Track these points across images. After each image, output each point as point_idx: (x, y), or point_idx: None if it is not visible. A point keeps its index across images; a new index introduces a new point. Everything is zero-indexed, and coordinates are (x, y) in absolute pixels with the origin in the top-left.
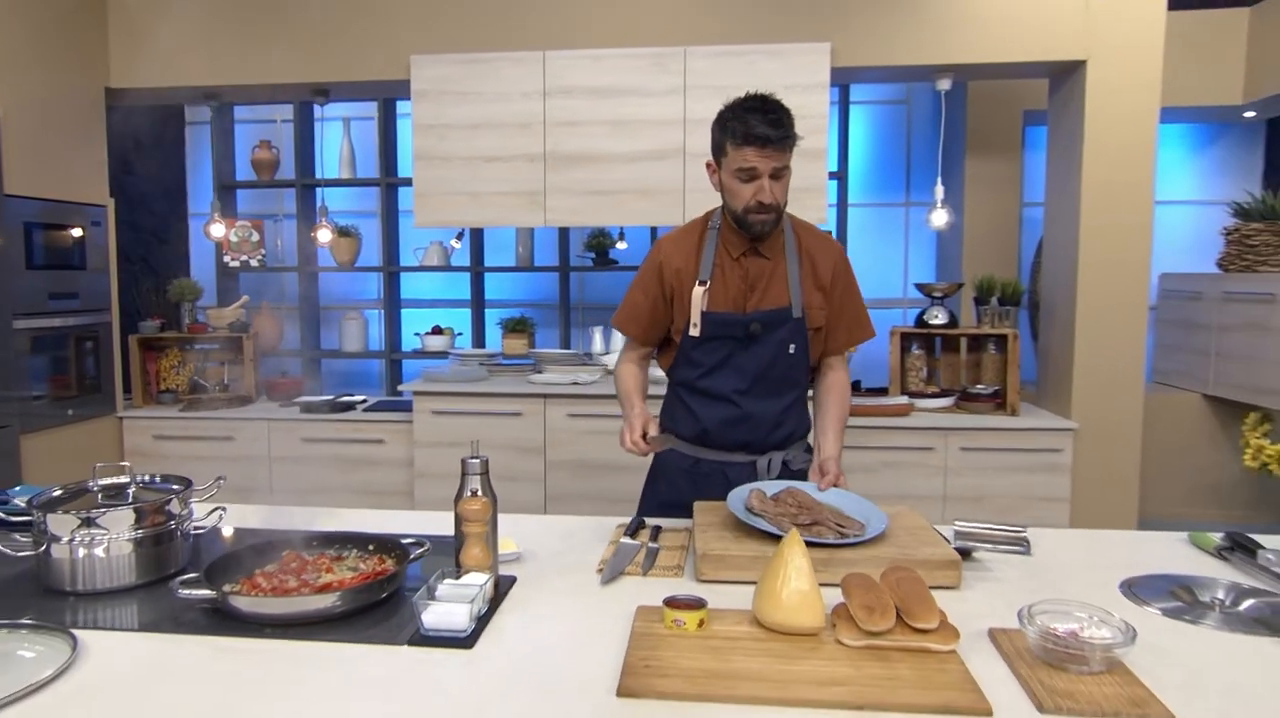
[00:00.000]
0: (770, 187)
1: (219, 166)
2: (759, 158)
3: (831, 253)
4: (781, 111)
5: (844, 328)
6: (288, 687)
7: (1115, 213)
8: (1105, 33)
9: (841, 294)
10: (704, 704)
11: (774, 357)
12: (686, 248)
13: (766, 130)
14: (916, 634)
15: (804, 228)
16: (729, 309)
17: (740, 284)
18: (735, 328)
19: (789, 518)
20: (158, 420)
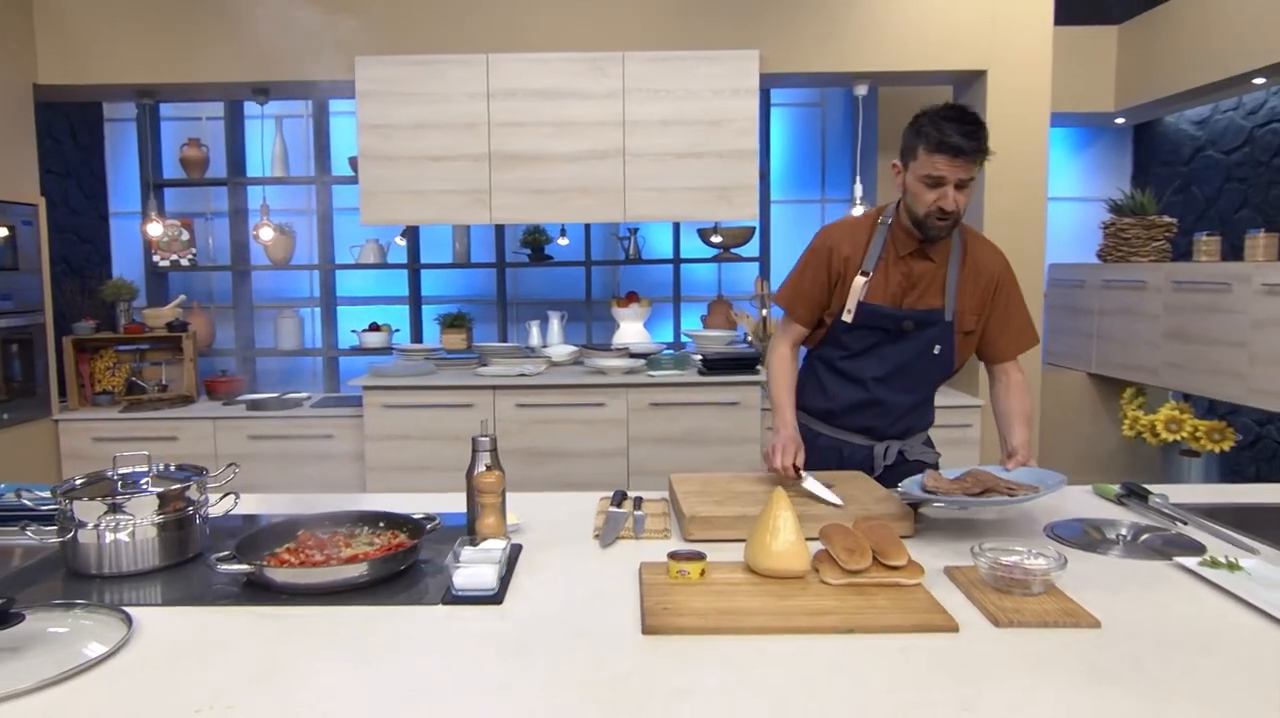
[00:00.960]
0: (954, 195)
1: (146, 165)
2: (948, 167)
3: (996, 263)
4: (977, 125)
5: (1009, 336)
6: (341, 644)
7: (1014, 209)
8: (1003, 46)
9: (1005, 303)
10: (719, 636)
11: (918, 354)
12: (856, 238)
13: (960, 141)
14: (888, 571)
15: (973, 236)
16: (885, 303)
17: (901, 281)
18: (888, 321)
19: (962, 490)
20: (96, 422)
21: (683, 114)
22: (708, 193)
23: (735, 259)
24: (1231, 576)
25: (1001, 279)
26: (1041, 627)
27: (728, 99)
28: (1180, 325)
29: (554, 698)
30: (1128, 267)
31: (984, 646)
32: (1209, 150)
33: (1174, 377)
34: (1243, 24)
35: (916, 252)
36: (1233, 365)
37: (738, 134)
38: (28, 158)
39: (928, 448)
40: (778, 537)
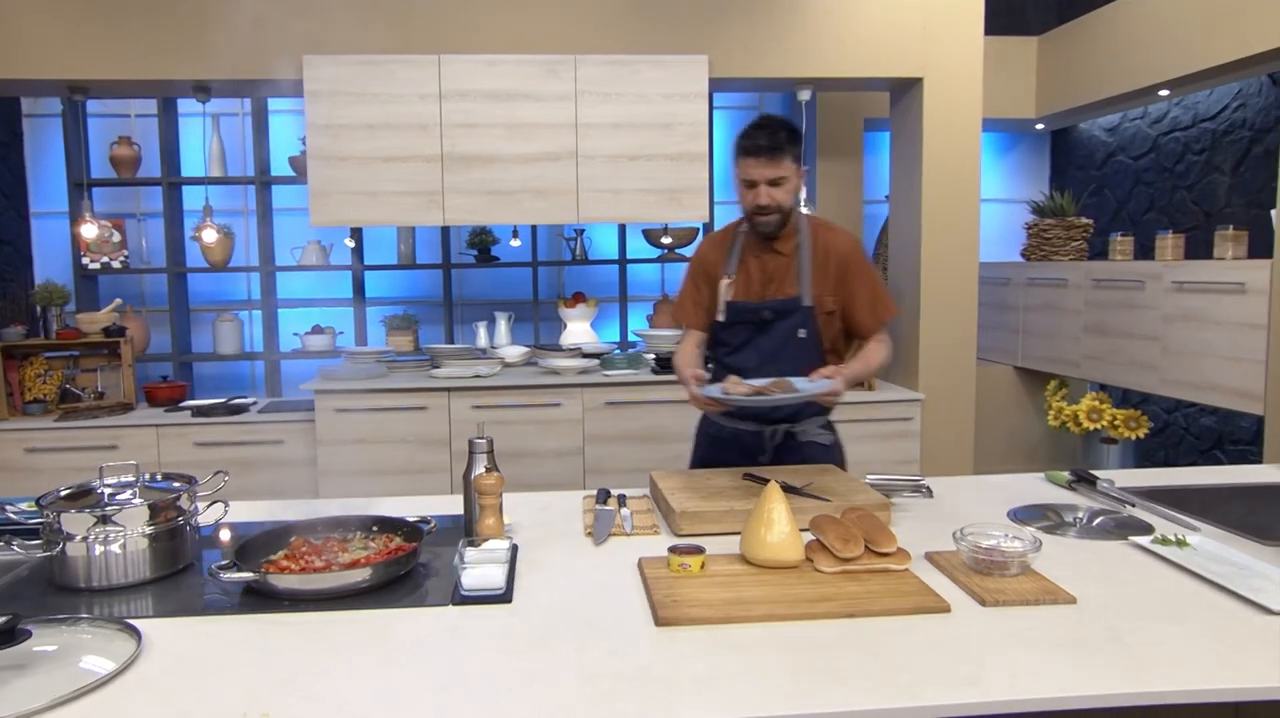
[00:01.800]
0: (766, 191)
1: (74, 163)
2: (754, 167)
3: (844, 245)
4: (776, 127)
5: (866, 311)
6: (360, 648)
7: (950, 210)
8: (937, 54)
9: (856, 282)
10: (730, 625)
11: (785, 340)
12: (720, 246)
13: (756, 142)
14: (879, 558)
15: (820, 225)
16: (748, 298)
17: (759, 277)
18: (750, 314)
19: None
20: (28, 432)
21: (634, 117)
22: (659, 195)
23: (680, 259)
24: (1181, 552)
25: (850, 260)
26: (1024, 605)
27: (678, 103)
28: (1099, 320)
29: (585, 688)
30: (1050, 265)
31: (975, 624)
32: (1119, 156)
33: (1094, 369)
34: (1150, 40)
35: (766, 248)
36: (1146, 357)
37: (688, 137)
38: None
39: (824, 430)
40: (773, 529)
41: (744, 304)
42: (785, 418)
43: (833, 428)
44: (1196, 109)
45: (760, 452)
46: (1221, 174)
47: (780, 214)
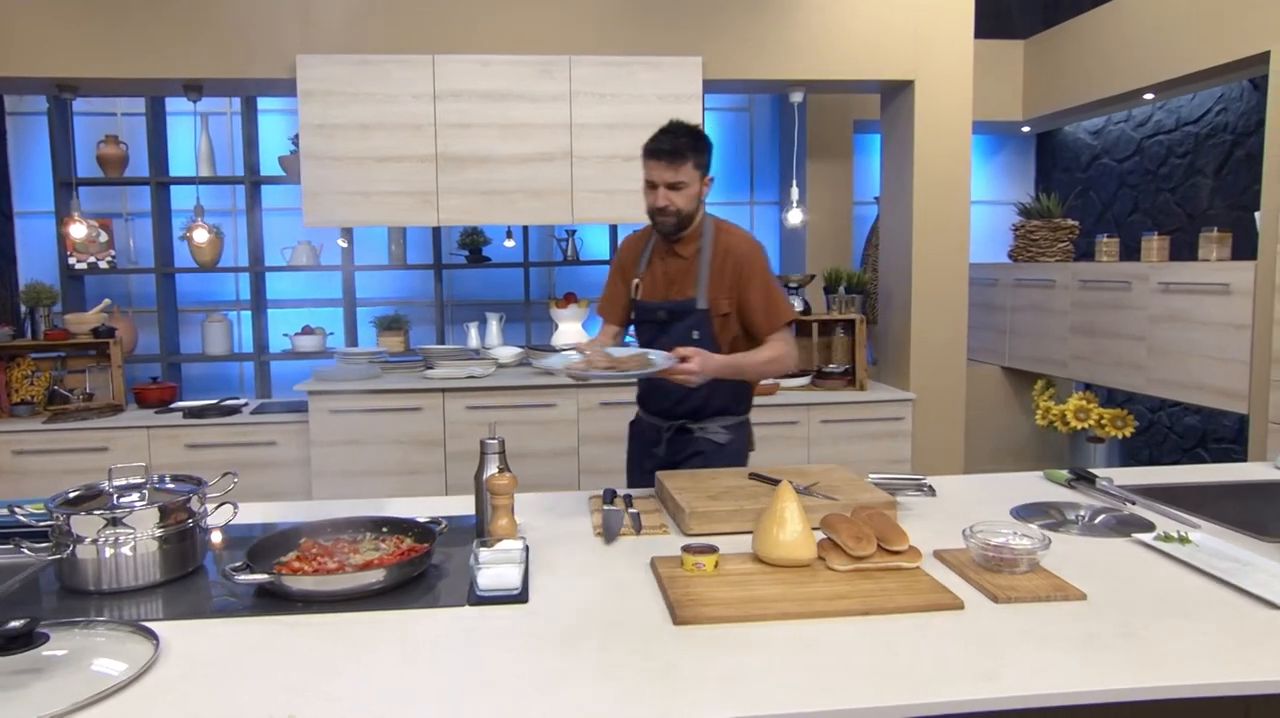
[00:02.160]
0: (665, 194)
1: (60, 162)
2: (655, 169)
3: (743, 250)
4: (681, 133)
5: (760, 314)
6: (379, 649)
7: (940, 211)
8: (928, 57)
9: (748, 284)
10: (748, 623)
11: (681, 340)
12: (636, 246)
13: (658, 145)
14: (890, 556)
15: (725, 229)
16: (651, 298)
17: (663, 278)
18: (648, 313)
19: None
20: (16, 434)
21: (629, 118)
22: None
23: None
24: (1184, 548)
25: (746, 264)
26: (1035, 601)
27: (672, 104)
28: (1086, 321)
29: (609, 686)
30: (1037, 266)
31: (989, 621)
32: (1104, 159)
33: (1081, 369)
34: (1135, 44)
35: (670, 251)
36: (1133, 357)
37: None
38: None
39: (724, 430)
40: (785, 528)
41: (646, 304)
42: (688, 414)
43: (741, 431)
44: (1179, 113)
45: (656, 443)
46: (1204, 177)
47: (677, 217)
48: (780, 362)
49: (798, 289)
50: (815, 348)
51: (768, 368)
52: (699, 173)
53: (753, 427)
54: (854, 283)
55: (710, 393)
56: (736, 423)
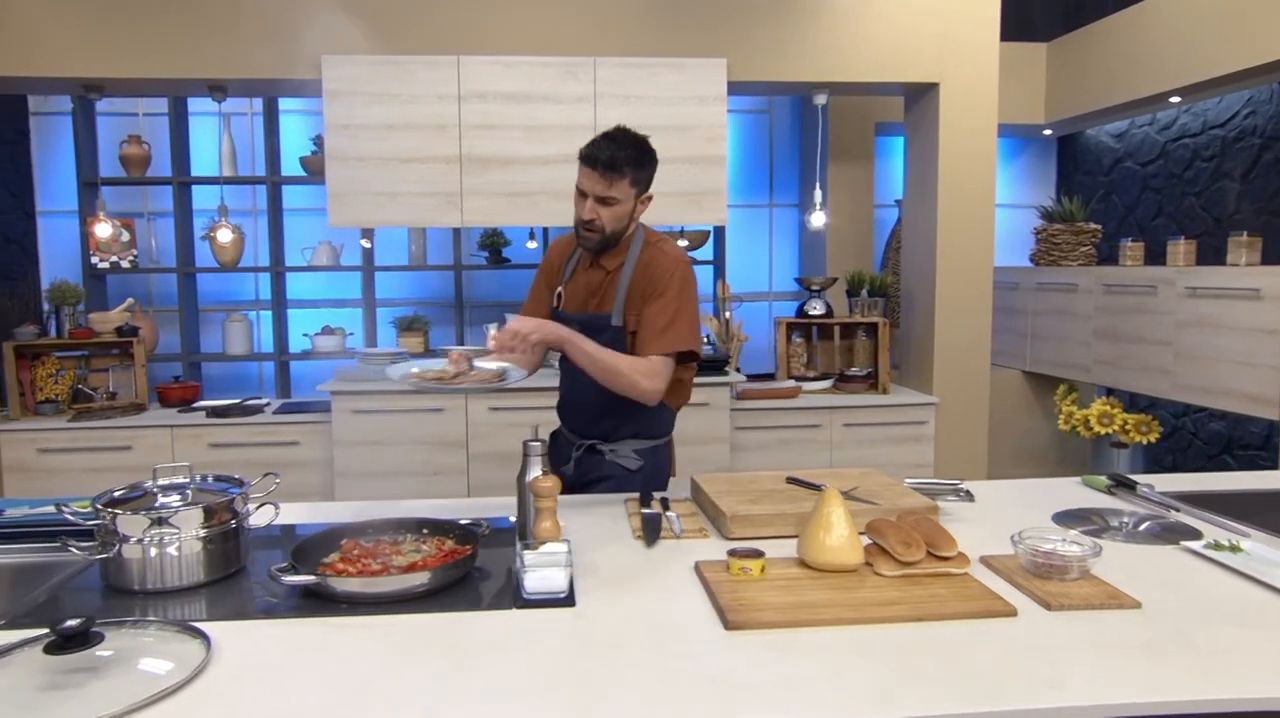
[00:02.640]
0: (593, 207)
1: (84, 162)
2: (588, 179)
3: (664, 267)
4: (622, 144)
5: (646, 330)
6: (430, 652)
7: (965, 214)
8: (954, 60)
9: (650, 300)
10: (800, 628)
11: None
12: (565, 251)
13: (596, 153)
14: (939, 562)
15: (654, 246)
16: (570, 309)
17: (584, 290)
18: (566, 325)
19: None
20: (41, 433)
21: (653, 120)
22: (678, 198)
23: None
24: (1236, 557)
25: (661, 280)
26: (1089, 609)
27: (696, 106)
28: (1110, 325)
29: (667, 691)
30: (1059, 270)
31: (1044, 628)
32: (1127, 162)
33: (1104, 374)
34: (1161, 47)
35: (595, 263)
36: (1159, 362)
37: (706, 140)
38: None
39: (635, 455)
40: (832, 532)
41: (562, 315)
42: (599, 435)
43: (660, 454)
44: (1206, 116)
45: (565, 460)
46: (1231, 180)
47: (601, 235)
48: (628, 379)
49: (820, 292)
50: (837, 351)
51: (614, 376)
52: (635, 190)
53: (674, 448)
54: (876, 286)
55: (622, 413)
56: (651, 447)
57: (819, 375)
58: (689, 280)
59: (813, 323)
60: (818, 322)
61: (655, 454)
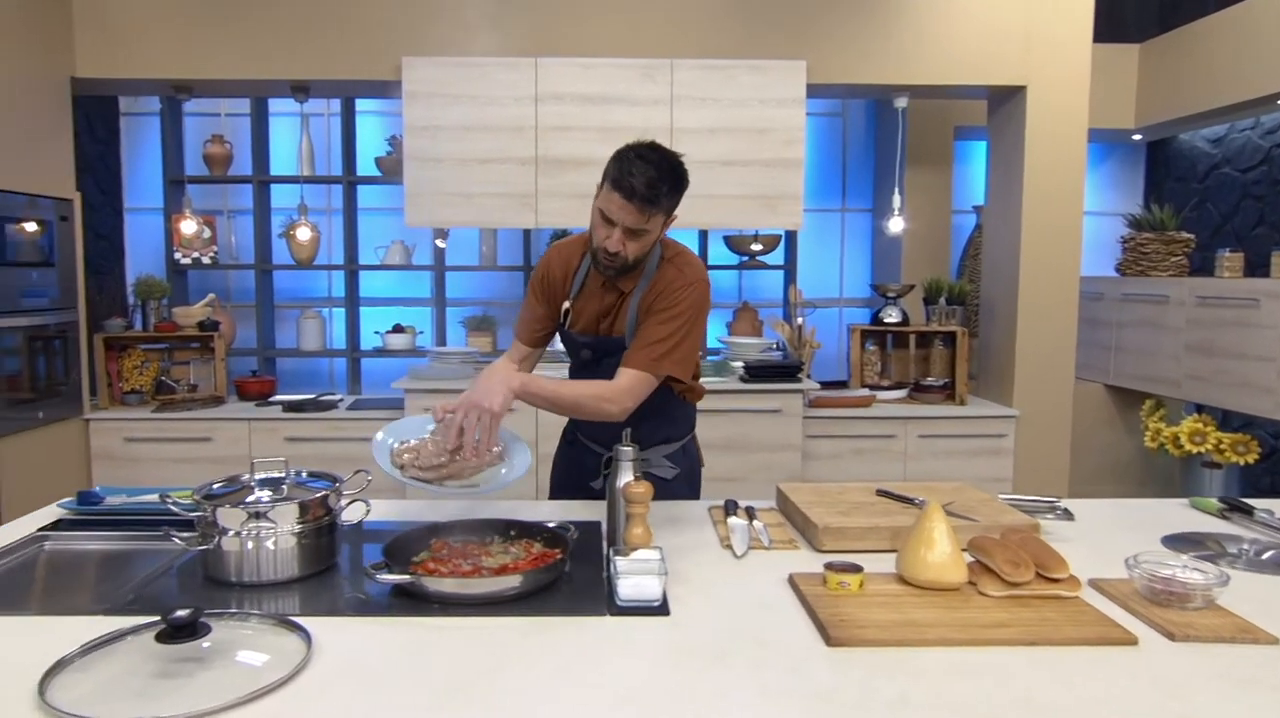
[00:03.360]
0: (620, 238)
1: (170, 161)
2: (619, 209)
3: (677, 286)
4: (664, 176)
5: (637, 344)
6: (529, 656)
7: (1051, 221)
8: (1042, 62)
9: (654, 316)
10: (905, 648)
11: (607, 378)
12: (569, 264)
13: (636, 184)
14: (1047, 584)
15: (672, 262)
16: (581, 329)
17: (597, 309)
18: (576, 348)
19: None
20: (127, 422)
21: (730, 122)
22: (753, 201)
23: (760, 266)
24: None
25: (667, 295)
26: (1218, 642)
27: (774, 108)
28: (1204, 339)
29: (771, 709)
30: (1148, 280)
31: (1169, 659)
32: (1225, 168)
33: (1196, 389)
34: (1268, 47)
35: (607, 282)
36: (1261, 379)
37: (783, 143)
38: (64, 152)
39: (668, 463)
40: (934, 548)
41: (572, 336)
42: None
43: (689, 452)
44: None
45: (594, 473)
46: None
47: (624, 264)
48: (592, 408)
49: (895, 299)
50: (912, 360)
51: (577, 411)
52: (665, 218)
53: (699, 443)
54: (955, 294)
55: (645, 417)
56: (680, 448)
57: (893, 384)
58: (703, 304)
59: (888, 330)
60: (893, 329)
61: (686, 455)
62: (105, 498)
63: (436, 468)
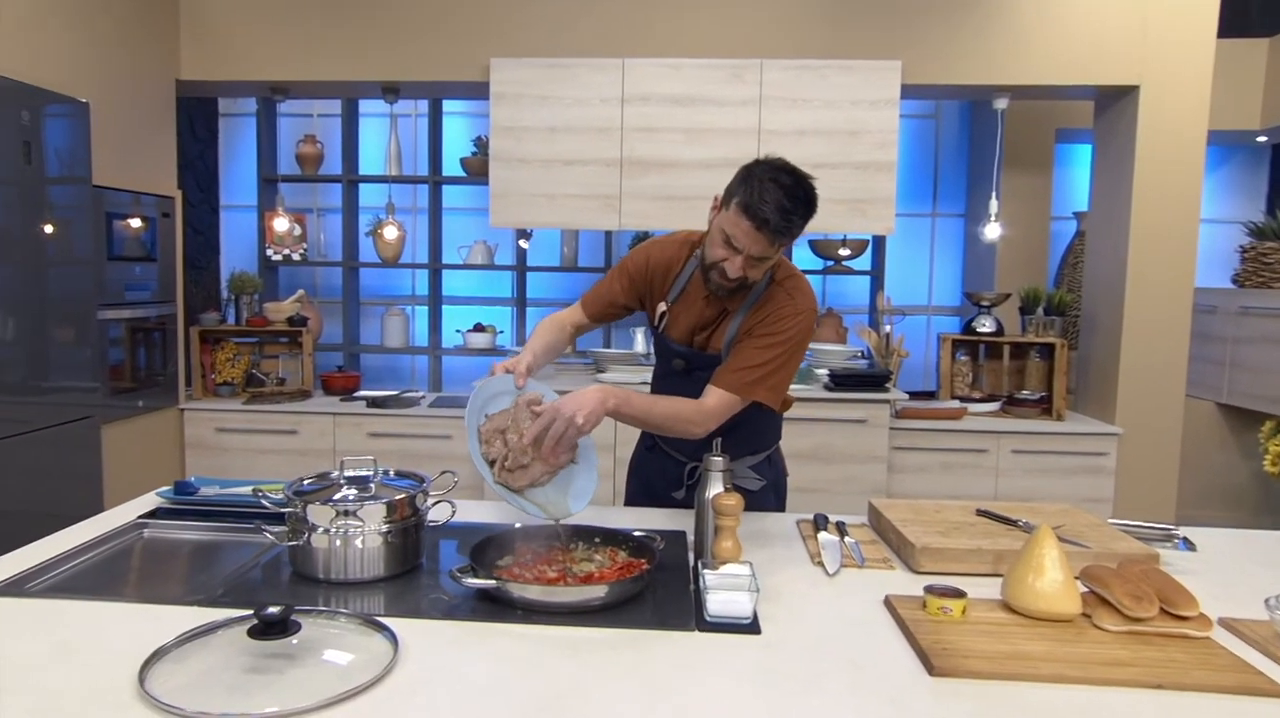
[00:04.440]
0: (742, 265)
1: (264, 160)
2: (747, 236)
3: (784, 314)
4: (800, 203)
5: (731, 364)
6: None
7: (1163, 229)
8: (1159, 59)
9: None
10: (1015, 682)
11: (698, 393)
12: (670, 260)
13: (768, 213)
14: (1174, 621)
15: (782, 285)
16: (677, 337)
17: (695, 320)
18: (668, 354)
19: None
20: (219, 413)
21: (821, 124)
22: (843, 205)
23: (846, 272)
24: None
25: (776, 326)
26: None
27: (866, 110)
28: None
29: None
30: (1270, 293)
31: None
32: None
33: None
34: None
35: (711, 296)
36: None
37: (876, 146)
38: (168, 152)
39: (751, 472)
40: (1044, 576)
41: (667, 342)
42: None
43: (774, 463)
44: None
45: (677, 486)
46: None
47: (742, 287)
48: (680, 428)
49: (989, 308)
50: (1006, 372)
51: (663, 430)
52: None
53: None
54: (1055, 304)
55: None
56: (765, 458)
57: (985, 397)
58: (807, 334)
59: (981, 340)
60: (987, 339)
61: (772, 466)
62: (200, 488)
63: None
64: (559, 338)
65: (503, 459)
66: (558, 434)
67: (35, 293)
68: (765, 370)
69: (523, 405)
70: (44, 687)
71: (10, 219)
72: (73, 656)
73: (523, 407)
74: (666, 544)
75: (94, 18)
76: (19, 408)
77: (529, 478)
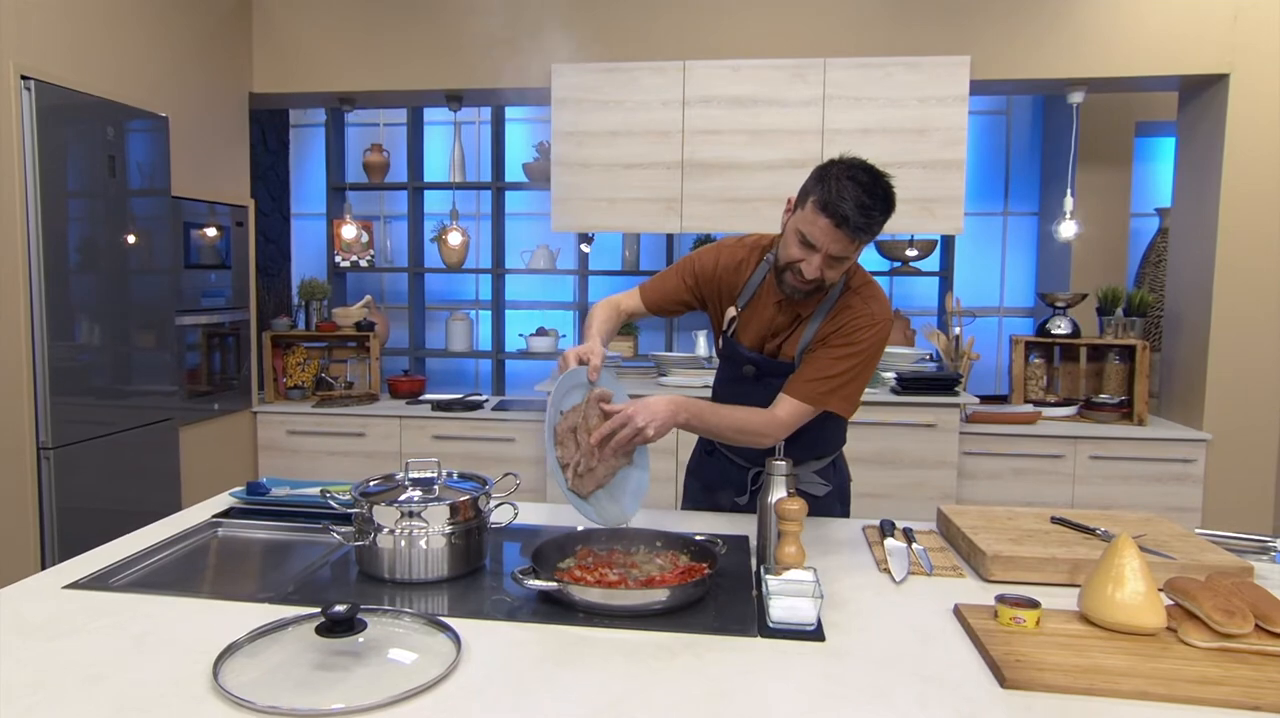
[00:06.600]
0: (820, 265)
1: (332, 169)
2: (825, 234)
3: (859, 324)
4: (880, 199)
5: (805, 373)
6: (679, 674)
7: (1254, 225)
8: (1252, 45)
9: (826, 351)
10: (1093, 698)
11: (763, 400)
12: (742, 270)
13: (847, 210)
14: (1269, 638)
15: (858, 293)
16: (748, 343)
17: (766, 326)
18: (737, 360)
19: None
20: (289, 416)
21: (886, 123)
22: (910, 205)
23: (914, 273)
24: None
25: (852, 336)
26: None
27: (934, 107)
28: None
29: None
30: None
31: None
32: None
33: None
34: None
35: (783, 302)
36: None
37: (944, 144)
38: (241, 162)
39: (816, 477)
40: (1124, 587)
41: (735, 347)
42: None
43: (839, 467)
44: None
45: (740, 491)
46: None
47: (819, 289)
48: (750, 439)
49: (1064, 309)
50: (1083, 375)
51: (734, 440)
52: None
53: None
54: (1135, 304)
55: (804, 437)
56: (829, 463)
57: (1060, 401)
58: (882, 345)
59: (1056, 342)
60: (1062, 341)
61: (837, 471)
62: (271, 489)
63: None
64: (616, 324)
65: (575, 465)
66: (624, 440)
67: (119, 301)
68: (841, 380)
69: (593, 402)
70: (126, 677)
71: (96, 230)
72: (152, 648)
73: (593, 403)
74: (728, 549)
75: (172, 35)
76: (104, 411)
77: (595, 482)
